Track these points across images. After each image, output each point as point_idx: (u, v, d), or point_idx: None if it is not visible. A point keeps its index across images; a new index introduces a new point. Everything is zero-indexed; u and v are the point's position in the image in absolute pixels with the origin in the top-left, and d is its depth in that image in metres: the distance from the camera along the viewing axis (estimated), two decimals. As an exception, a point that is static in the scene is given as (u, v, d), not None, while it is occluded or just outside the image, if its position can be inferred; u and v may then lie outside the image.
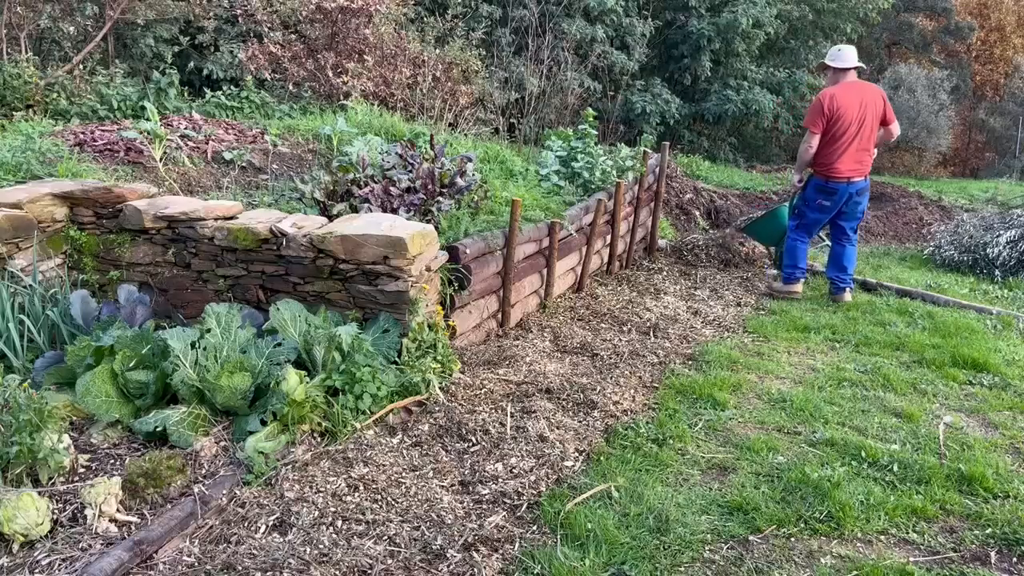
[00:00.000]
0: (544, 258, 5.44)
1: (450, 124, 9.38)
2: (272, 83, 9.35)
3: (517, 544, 2.73)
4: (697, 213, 10.28)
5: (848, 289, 6.19)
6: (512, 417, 3.65)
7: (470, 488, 3.07)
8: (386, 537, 2.70)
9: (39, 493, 2.68)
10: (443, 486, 3.06)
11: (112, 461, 3.10)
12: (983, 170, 23.98)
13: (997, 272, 7.38)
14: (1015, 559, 2.74)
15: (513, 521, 2.87)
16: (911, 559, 2.71)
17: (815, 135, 5.81)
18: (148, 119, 5.90)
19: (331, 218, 4.42)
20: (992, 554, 2.75)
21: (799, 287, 6.32)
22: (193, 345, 3.45)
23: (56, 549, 2.54)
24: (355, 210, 4.65)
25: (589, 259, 6.10)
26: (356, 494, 2.96)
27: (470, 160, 5.54)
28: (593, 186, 6.59)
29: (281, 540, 2.65)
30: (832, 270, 6.23)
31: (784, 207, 6.85)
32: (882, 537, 2.85)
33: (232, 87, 8.62)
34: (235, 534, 2.67)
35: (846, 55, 5.79)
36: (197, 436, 3.19)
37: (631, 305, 5.81)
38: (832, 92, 5.74)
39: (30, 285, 3.93)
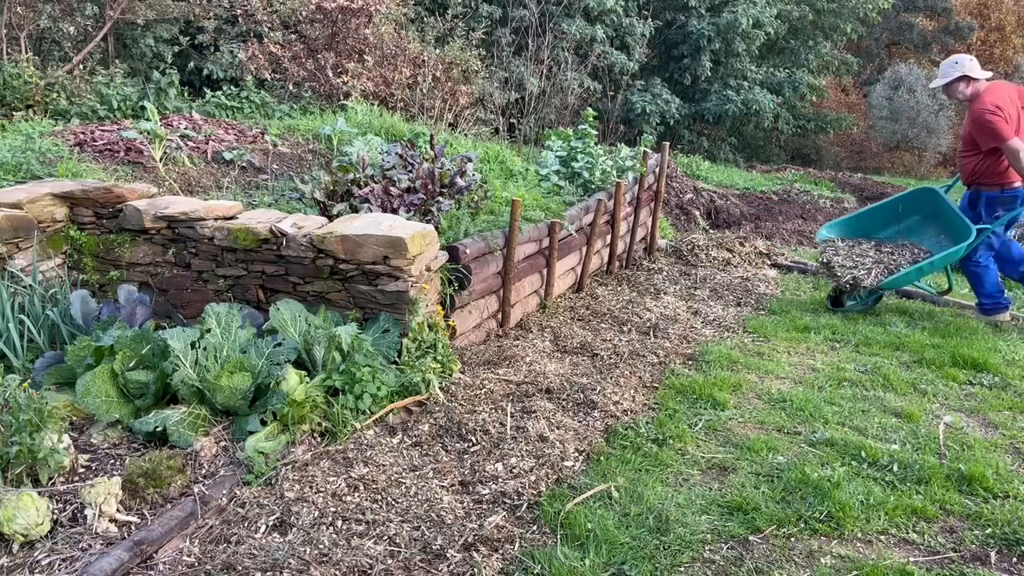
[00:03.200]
0: (544, 258, 5.44)
1: (450, 124, 9.38)
2: (272, 83, 9.35)
3: (517, 544, 2.73)
4: (697, 213, 10.28)
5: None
6: (512, 417, 3.65)
7: (470, 488, 3.07)
8: (386, 537, 2.70)
9: (39, 493, 2.68)
10: (443, 486, 3.06)
11: (112, 461, 3.10)
12: (983, 170, 23.91)
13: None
14: (1015, 559, 2.74)
15: (513, 521, 2.87)
16: (911, 559, 2.71)
17: (1017, 138, 5.14)
18: (148, 119, 5.90)
19: (331, 218, 4.42)
20: (992, 554, 2.75)
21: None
22: (193, 345, 3.45)
23: (56, 549, 2.54)
24: (355, 210, 4.65)
25: (589, 259, 6.10)
26: (356, 494, 2.96)
27: (470, 160, 5.54)
28: (593, 186, 6.59)
29: (281, 540, 2.65)
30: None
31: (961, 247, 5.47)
32: (882, 537, 2.85)
33: (232, 87, 8.61)
34: (235, 534, 2.67)
35: (977, 64, 5.38)
36: (197, 436, 3.19)
37: (631, 305, 5.81)
38: (991, 99, 5.22)
39: (30, 285, 3.93)
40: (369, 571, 2.52)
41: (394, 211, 4.63)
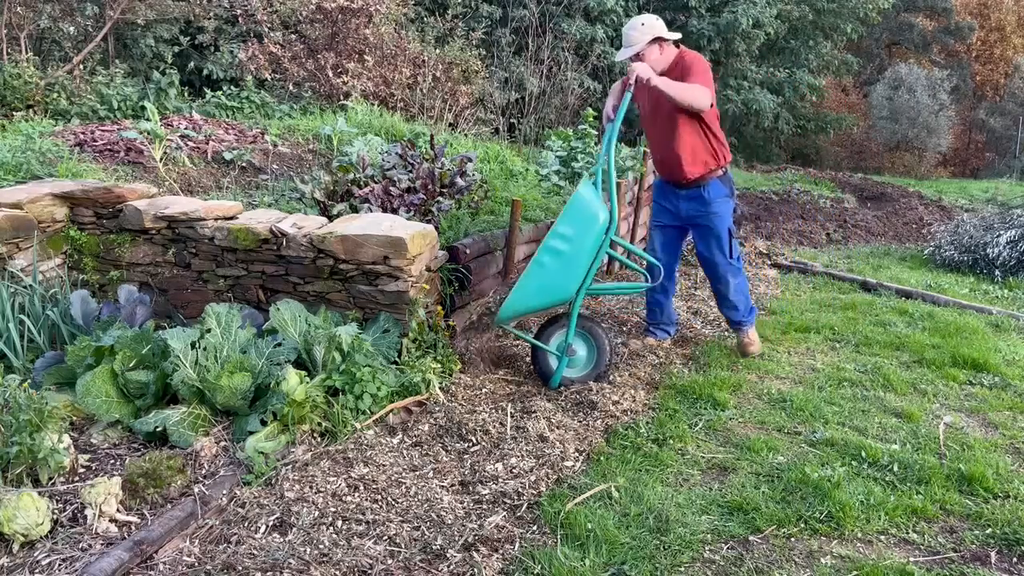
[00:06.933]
0: (544, 258, 5.43)
1: (450, 124, 9.38)
2: (272, 83, 9.35)
3: (517, 544, 2.73)
4: (697, 213, 10.27)
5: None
6: (512, 417, 3.65)
7: (470, 488, 3.07)
8: (386, 537, 2.70)
9: (39, 493, 2.68)
10: (443, 486, 3.06)
11: (112, 461, 3.10)
12: (983, 170, 24.00)
13: (997, 272, 7.38)
14: (1015, 559, 2.74)
15: (513, 521, 2.87)
16: (911, 559, 2.71)
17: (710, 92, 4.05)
18: (148, 119, 5.90)
19: (331, 218, 4.42)
20: (992, 554, 2.75)
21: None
22: (193, 345, 3.45)
23: (56, 549, 2.54)
24: (355, 210, 4.65)
25: (589, 259, 6.09)
26: (356, 494, 2.96)
27: (470, 160, 5.54)
28: (593, 186, 6.58)
29: (281, 540, 2.65)
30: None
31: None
32: (882, 537, 2.85)
33: (232, 87, 8.62)
34: (235, 534, 2.67)
35: (663, 23, 4.13)
36: (197, 436, 3.19)
37: (631, 304, 5.81)
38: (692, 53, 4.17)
39: (30, 285, 3.93)
40: (369, 571, 2.52)
41: (394, 211, 4.64)
